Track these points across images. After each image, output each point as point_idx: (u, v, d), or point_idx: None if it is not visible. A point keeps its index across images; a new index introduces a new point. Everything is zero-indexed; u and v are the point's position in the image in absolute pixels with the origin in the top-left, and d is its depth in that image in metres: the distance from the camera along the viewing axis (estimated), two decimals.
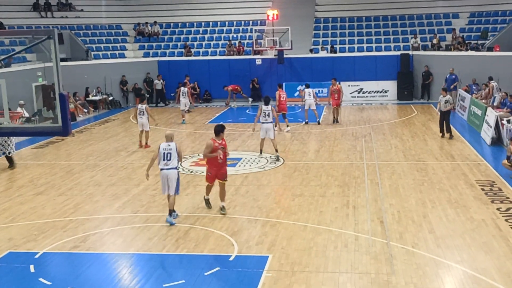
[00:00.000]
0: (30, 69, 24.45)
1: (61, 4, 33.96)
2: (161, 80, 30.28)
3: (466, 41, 29.32)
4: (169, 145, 11.70)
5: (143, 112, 19.10)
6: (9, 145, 16.49)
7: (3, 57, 19.18)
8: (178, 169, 11.80)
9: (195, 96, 30.02)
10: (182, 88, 24.69)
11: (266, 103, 17.06)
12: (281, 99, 21.76)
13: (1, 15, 30.26)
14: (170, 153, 11.62)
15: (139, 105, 19.43)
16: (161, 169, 11.69)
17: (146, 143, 19.36)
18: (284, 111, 21.79)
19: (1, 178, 16.07)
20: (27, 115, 20.09)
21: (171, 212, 11.80)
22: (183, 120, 24.38)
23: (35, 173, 16.49)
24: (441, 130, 19.72)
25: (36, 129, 7.55)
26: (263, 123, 16.95)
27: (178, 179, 11.78)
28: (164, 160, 11.64)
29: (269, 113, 16.85)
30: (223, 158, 12.10)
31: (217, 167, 12.14)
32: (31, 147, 19.96)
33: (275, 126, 17.41)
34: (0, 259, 10.20)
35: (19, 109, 19.89)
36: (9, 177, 16.14)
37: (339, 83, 24.16)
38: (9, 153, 16.38)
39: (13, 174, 16.46)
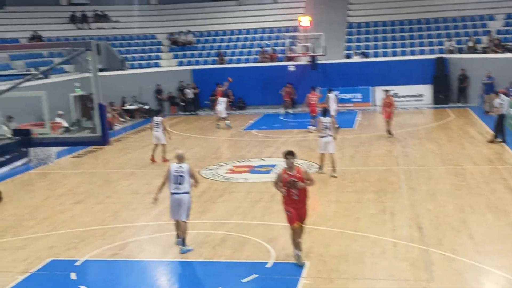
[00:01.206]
0: (68, 80, 24.97)
1: (97, 15, 34.66)
2: (193, 89, 30.32)
3: (503, 43, 28.76)
4: (180, 167, 10.55)
5: (159, 125, 18.40)
6: (50, 155, 16.88)
7: (43, 69, 19.67)
8: (190, 194, 10.69)
9: (229, 103, 30.17)
10: (220, 98, 25.08)
11: (324, 115, 15.89)
12: (311, 101, 22.36)
13: (39, 27, 31.07)
14: (182, 176, 10.47)
15: (155, 117, 18.85)
16: (172, 193, 10.57)
17: (164, 157, 18.40)
18: (313, 113, 22.16)
19: (41, 187, 16.46)
20: (66, 125, 20.52)
21: (184, 239, 10.71)
22: (218, 124, 24.74)
23: (74, 182, 16.84)
24: (496, 134, 18.97)
25: (76, 139, 7.75)
26: (321, 136, 15.63)
27: (189, 205, 10.68)
28: (175, 183, 10.50)
29: (328, 125, 15.60)
30: (298, 195, 9.76)
31: (294, 204, 9.80)
32: (70, 157, 20.39)
33: (335, 138, 15.88)
34: (42, 267, 10.43)
35: (58, 119, 20.34)
36: (49, 186, 16.52)
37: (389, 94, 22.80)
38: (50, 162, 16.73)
39: (52, 183, 16.83)
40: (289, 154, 9.69)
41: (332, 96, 23.20)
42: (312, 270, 9.65)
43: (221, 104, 24.74)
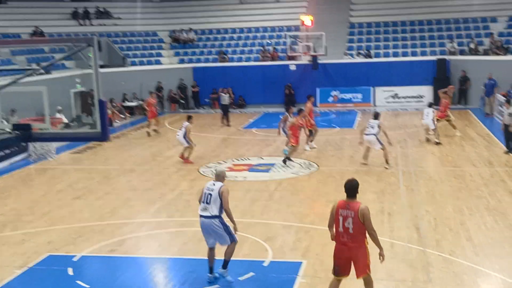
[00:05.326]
0: (68, 76, 24.95)
1: (99, 12, 34.65)
2: (228, 94, 27.14)
3: (505, 46, 28.75)
4: (213, 184, 9.21)
5: (182, 129, 17.88)
6: (50, 150, 16.89)
7: (44, 64, 19.66)
8: (221, 218, 9.12)
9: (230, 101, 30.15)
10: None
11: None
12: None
13: (41, 23, 31.03)
14: (211, 195, 9.07)
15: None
16: (200, 216, 9.20)
17: (187, 157, 18.10)
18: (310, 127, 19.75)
19: (41, 182, 16.45)
20: (66, 121, 20.49)
21: (227, 263, 9.29)
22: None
23: (73, 178, 16.84)
24: (507, 146, 17.78)
25: (76, 134, 7.75)
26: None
27: (226, 228, 9.11)
28: (203, 202, 9.13)
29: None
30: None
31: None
32: (70, 152, 20.38)
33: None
34: (39, 262, 10.44)
35: (58, 115, 20.33)
36: (48, 181, 16.51)
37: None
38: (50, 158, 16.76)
39: (52, 179, 16.83)
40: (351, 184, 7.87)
41: (427, 110, 19.93)
42: (309, 270, 9.66)
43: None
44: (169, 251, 10.86)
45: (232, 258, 9.73)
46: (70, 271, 9.94)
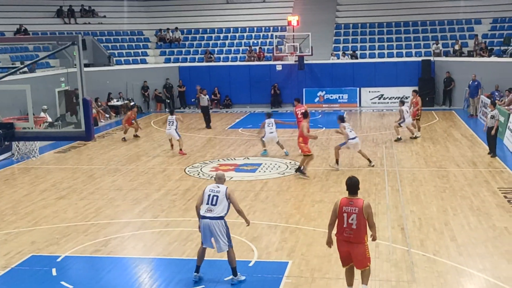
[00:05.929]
0: (53, 74, 24.76)
1: (84, 10, 34.40)
2: (207, 96, 25.36)
3: (489, 47, 29.02)
4: (217, 187, 9.19)
5: (173, 122, 19.31)
6: (33, 149, 16.74)
7: (28, 62, 19.48)
8: (225, 220, 9.13)
9: (216, 101, 30.19)
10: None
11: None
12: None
13: (25, 21, 30.71)
14: (217, 196, 9.04)
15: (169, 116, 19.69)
16: (202, 217, 9.08)
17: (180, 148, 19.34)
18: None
19: (24, 182, 16.30)
20: (50, 120, 20.36)
21: (235, 270, 9.27)
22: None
23: (57, 177, 16.70)
24: (490, 148, 17.74)
25: (60, 133, 7.66)
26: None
27: (227, 232, 9.16)
28: (207, 203, 9.06)
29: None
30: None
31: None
32: (54, 152, 20.22)
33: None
34: (22, 262, 10.34)
35: (42, 114, 20.18)
36: (32, 181, 16.36)
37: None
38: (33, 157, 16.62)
39: (36, 178, 16.68)
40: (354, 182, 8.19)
41: (405, 108, 20.50)
42: (294, 270, 9.67)
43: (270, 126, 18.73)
44: (154, 251, 10.81)
45: (217, 258, 9.72)
46: (53, 272, 9.86)
